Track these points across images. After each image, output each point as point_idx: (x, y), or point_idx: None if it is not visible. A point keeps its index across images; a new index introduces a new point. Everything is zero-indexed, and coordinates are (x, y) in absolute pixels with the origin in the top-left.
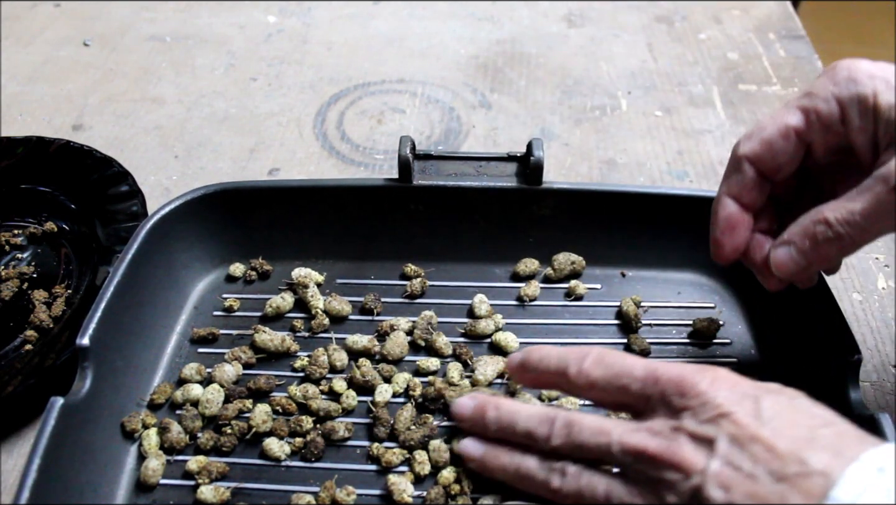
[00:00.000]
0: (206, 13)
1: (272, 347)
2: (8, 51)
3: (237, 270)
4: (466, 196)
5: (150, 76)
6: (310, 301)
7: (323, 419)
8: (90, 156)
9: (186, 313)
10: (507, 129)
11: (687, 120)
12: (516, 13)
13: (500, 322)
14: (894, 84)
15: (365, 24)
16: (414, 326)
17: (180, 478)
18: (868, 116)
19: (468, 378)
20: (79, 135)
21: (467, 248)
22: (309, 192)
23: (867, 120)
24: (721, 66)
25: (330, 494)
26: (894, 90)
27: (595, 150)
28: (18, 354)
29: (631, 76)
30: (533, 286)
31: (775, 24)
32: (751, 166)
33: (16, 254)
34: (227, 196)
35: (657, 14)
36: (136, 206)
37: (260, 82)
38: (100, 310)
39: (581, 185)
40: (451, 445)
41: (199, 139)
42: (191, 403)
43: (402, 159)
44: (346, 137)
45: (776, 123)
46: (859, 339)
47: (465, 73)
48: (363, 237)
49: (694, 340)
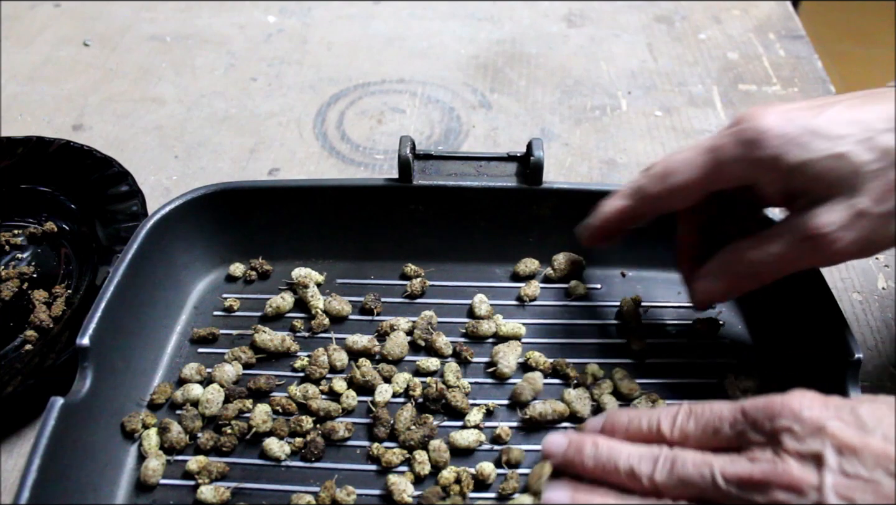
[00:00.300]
0: (206, 13)
1: (272, 347)
2: (8, 51)
3: (237, 270)
4: (466, 196)
5: (150, 76)
6: (310, 301)
7: (323, 419)
8: (90, 156)
9: (186, 313)
10: (507, 129)
11: (687, 120)
12: (516, 13)
13: (501, 323)
14: (805, 131)
15: (365, 24)
16: (414, 326)
17: (180, 478)
18: (777, 175)
19: (491, 372)
20: (79, 135)
21: (467, 248)
22: (309, 192)
23: (775, 178)
24: (721, 66)
25: (330, 494)
26: (803, 144)
27: (595, 150)
28: (18, 354)
29: (631, 76)
30: (533, 286)
31: (775, 24)
32: (653, 202)
33: (16, 254)
34: (227, 196)
35: (657, 14)
36: (136, 206)
37: (260, 82)
38: (100, 310)
39: (581, 185)
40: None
41: (199, 139)
42: (191, 403)
43: (402, 159)
44: (346, 137)
45: (685, 176)
46: (859, 339)
47: (465, 73)
48: (363, 237)
49: (694, 340)
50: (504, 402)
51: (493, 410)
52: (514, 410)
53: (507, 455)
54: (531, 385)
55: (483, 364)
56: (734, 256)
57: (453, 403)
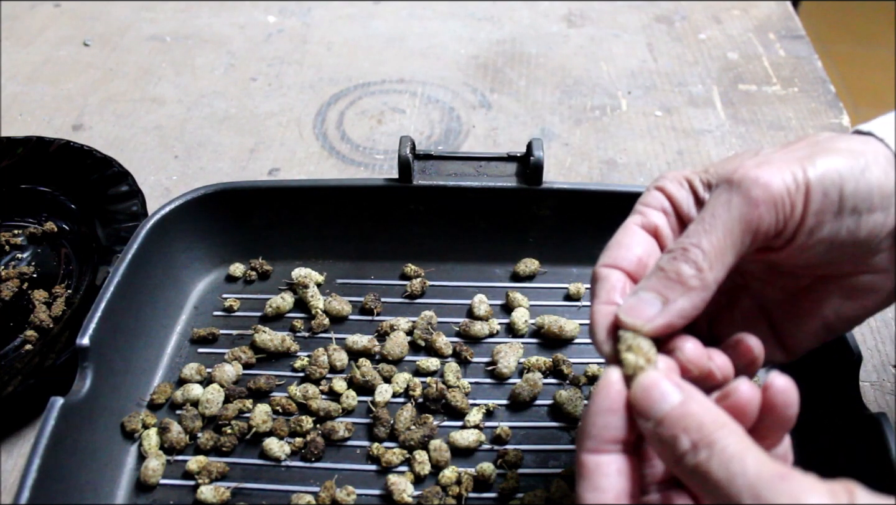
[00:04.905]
0: (206, 13)
1: (272, 347)
2: (8, 51)
3: (237, 270)
4: (466, 196)
5: (150, 76)
6: (310, 301)
7: (323, 419)
8: (90, 156)
9: (186, 313)
10: (507, 129)
11: (687, 120)
12: (516, 13)
13: (495, 325)
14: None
15: (365, 24)
16: (414, 326)
17: (180, 478)
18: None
19: (490, 372)
20: (79, 135)
21: (467, 248)
22: (309, 192)
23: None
24: (721, 66)
25: (330, 494)
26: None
27: (595, 150)
28: (18, 354)
29: (631, 76)
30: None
31: (775, 24)
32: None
33: (16, 254)
34: (227, 196)
35: (657, 14)
36: (136, 206)
37: (260, 82)
38: (100, 310)
39: (581, 185)
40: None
41: (199, 139)
42: (191, 403)
43: (402, 159)
44: (346, 137)
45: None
46: (859, 339)
47: (465, 73)
48: (363, 237)
49: None
50: (504, 402)
51: (493, 410)
52: (514, 410)
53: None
54: (531, 385)
55: (483, 364)
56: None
57: (453, 403)
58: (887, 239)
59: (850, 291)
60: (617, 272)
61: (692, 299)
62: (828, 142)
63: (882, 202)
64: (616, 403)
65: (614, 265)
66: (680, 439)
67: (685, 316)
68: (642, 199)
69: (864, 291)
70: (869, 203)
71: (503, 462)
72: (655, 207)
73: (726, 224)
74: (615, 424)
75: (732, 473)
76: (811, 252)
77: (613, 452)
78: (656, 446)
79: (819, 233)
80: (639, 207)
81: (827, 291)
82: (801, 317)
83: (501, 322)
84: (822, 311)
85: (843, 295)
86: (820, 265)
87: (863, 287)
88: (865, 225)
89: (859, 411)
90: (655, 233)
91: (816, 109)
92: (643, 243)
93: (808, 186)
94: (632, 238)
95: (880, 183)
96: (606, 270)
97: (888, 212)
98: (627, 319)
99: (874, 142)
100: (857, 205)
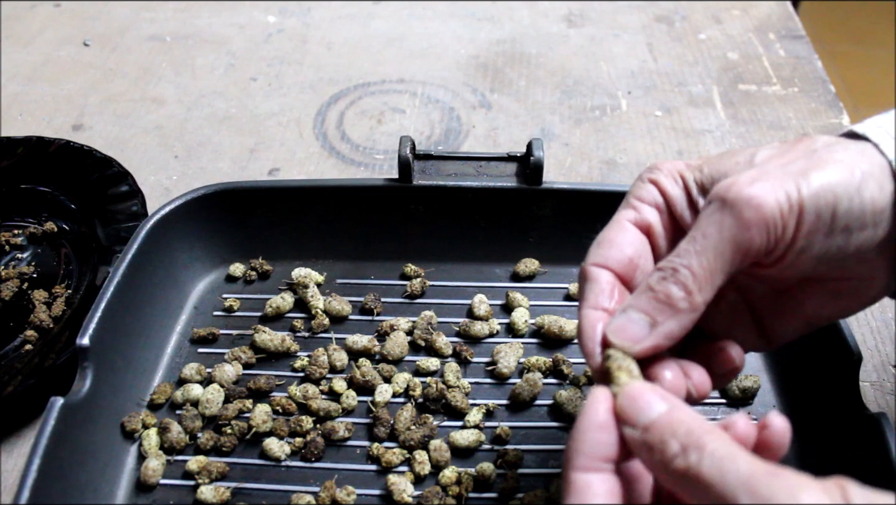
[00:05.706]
0: (206, 13)
1: (272, 347)
2: (8, 51)
3: (237, 270)
4: (466, 196)
5: (150, 76)
6: (310, 301)
7: (323, 419)
8: (90, 156)
9: (186, 313)
10: (507, 129)
11: (687, 120)
12: (516, 13)
13: (495, 325)
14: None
15: (365, 24)
16: (414, 326)
17: (180, 478)
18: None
19: (490, 372)
20: (79, 135)
21: (467, 248)
22: (309, 192)
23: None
24: (721, 66)
25: (330, 494)
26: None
27: (595, 150)
28: (18, 354)
29: (631, 76)
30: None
31: (775, 24)
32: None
33: (16, 254)
34: (227, 196)
35: (657, 14)
36: (136, 206)
37: (260, 82)
38: (100, 310)
39: (581, 185)
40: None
41: (199, 139)
42: (191, 403)
43: (402, 159)
44: (346, 137)
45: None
46: (859, 339)
47: (465, 73)
48: (363, 237)
49: None
50: (504, 402)
51: (493, 410)
52: (514, 410)
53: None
54: (531, 386)
55: (483, 364)
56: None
57: (453, 403)
58: (875, 250)
59: (835, 293)
60: (606, 273)
61: (680, 322)
62: (825, 151)
63: (874, 218)
64: (606, 419)
65: (604, 265)
66: (669, 443)
67: (673, 338)
68: (635, 192)
69: (848, 293)
70: (861, 222)
71: (503, 462)
72: (649, 203)
73: (717, 246)
74: (606, 441)
75: (725, 472)
76: (799, 267)
77: (604, 470)
78: (643, 454)
79: (809, 251)
80: (632, 201)
81: (812, 291)
82: (785, 313)
83: (501, 322)
84: (806, 309)
85: (827, 296)
86: (806, 273)
87: (847, 290)
88: (855, 241)
89: (859, 411)
90: (648, 231)
91: (816, 109)
92: (635, 243)
93: (802, 208)
94: (623, 236)
95: (874, 199)
96: (596, 269)
97: (879, 227)
98: (616, 340)
99: (871, 150)
100: (850, 224)
